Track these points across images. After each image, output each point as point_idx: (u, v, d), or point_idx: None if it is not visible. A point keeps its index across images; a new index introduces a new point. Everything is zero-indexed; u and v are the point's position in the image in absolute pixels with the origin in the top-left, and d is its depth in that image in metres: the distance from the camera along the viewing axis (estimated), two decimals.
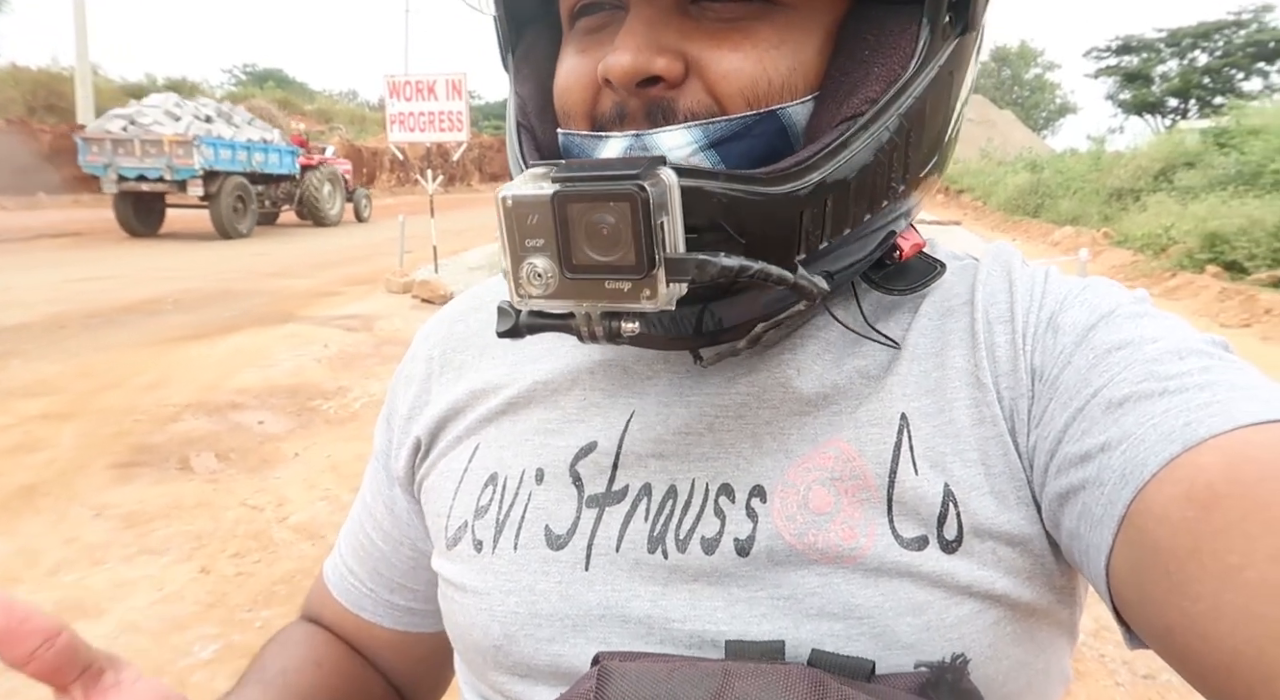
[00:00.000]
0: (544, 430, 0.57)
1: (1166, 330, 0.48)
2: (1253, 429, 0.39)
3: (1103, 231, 15.35)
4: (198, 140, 13.51)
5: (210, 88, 43.48)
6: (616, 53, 0.46)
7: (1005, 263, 0.57)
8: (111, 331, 6.79)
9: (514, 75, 0.57)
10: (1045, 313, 0.52)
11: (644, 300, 0.42)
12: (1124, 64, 47.12)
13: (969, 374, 0.52)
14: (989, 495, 0.49)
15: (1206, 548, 0.36)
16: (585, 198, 0.40)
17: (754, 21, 0.47)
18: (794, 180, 0.45)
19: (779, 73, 0.47)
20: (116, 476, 3.92)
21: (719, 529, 0.51)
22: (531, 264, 0.43)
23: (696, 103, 0.47)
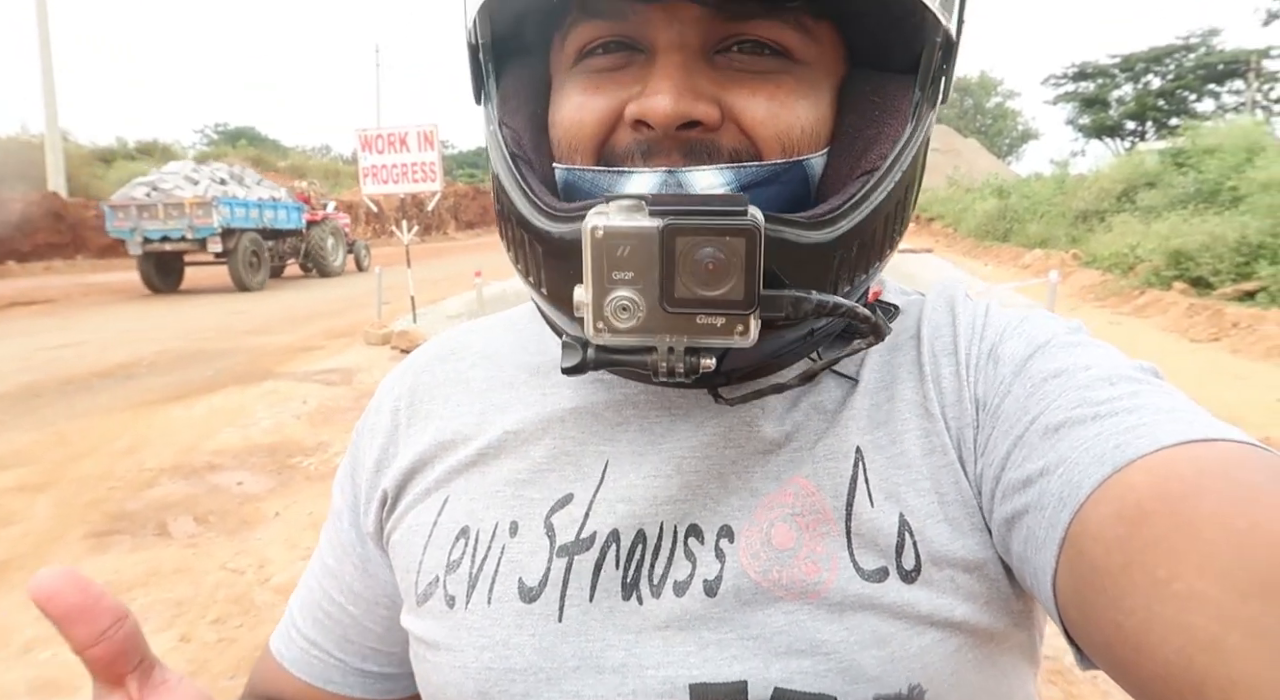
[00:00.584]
0: (515, 481, 0.57)
1: (1098, 358, 0.50)
2: (1177, 448, 0.40)
3: (1071, 253, 15.62)
4: (216, 201, 14.55)
5: (182, 148, 43.56)
6: (658, 96, 0.48)
7: (949, 297, 0.60)
8: (87, 397, 6.71)
9: (500, 106, 0.56)
10: (986, 345, 0.55)
11: (736, 335, 0.43)
12: (1081, 90, 48.40)
13: (918, 405, 0.54)
14: (944, 523, 0.51)
15: (1137, 562, 0.37)
16: (699, 232, 0.41)
17: (777, 74, 0.50)
18: (828, 227, 0.47)
19: (807, 122, 0.51)
20: (92, 546, 3.84)
21: (690, 571, 0.52)
22: (619, 296, 0.42)
23: (734, 145, 0.50)
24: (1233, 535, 0.35)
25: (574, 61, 0.53)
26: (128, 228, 14.29)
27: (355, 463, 0.67)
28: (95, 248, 20.51)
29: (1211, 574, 0.34)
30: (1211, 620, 0.34)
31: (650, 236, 0.41)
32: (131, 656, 0.41)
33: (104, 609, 0.40)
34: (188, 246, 14.63)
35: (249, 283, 15.09)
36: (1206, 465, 0.39)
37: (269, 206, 16.30)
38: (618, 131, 0.51)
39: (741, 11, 0.49)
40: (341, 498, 0.68)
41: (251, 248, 15.27)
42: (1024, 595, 0.52)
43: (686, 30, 0.49)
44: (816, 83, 0.52)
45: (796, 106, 0.50)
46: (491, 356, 0.65)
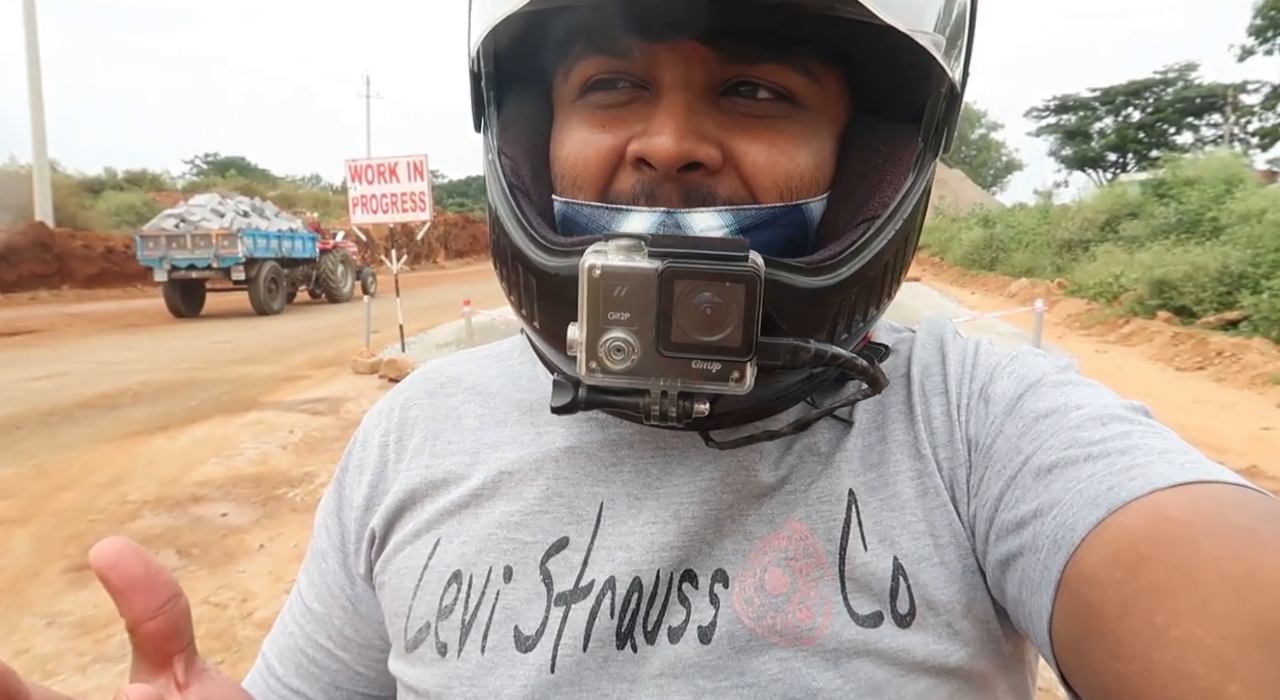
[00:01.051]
0: (509, 524, 0.56)
1: (1089, 397, 0.50)
2: (1171, 491, 0.40)
3: (1057, 282, 15.80)
4: (241, 232, 15.66)
5: (171, 178, 43.62)
6: (661, 135, 0.47)
7: (939, 336, 0.60)
8: (70, 429, 6.63)
9: (500, 135, 0.55)
10: (977, 384, 0.55)
11: (732, 382, 0.42)
12: (1063, 122, 49.29)
13: (909, 446, 0.54)
14: (938, 566, 0.50)
15: (1135, 608, 0.37)
16: (698, 276, 0.40)
17: (780, 119, 0.50)
18: (828, 272, 0.47)
19: (807, 169, 0.50)
20: (71, 581, 3.77)
21: (685, 617, 0.51)
22: (614, 337, 0.41)
23: (732, 190, 0.49)
24: (1230, 581, 0.34)
25: (578, 95, 0.53)
26: (157, 256, 15.35)
27: (341, 501, 0.65)
28: (81, 277, 20.44)
29: (1210, 621, 0.34)
30: (1212, 669, 0.33)
31: (649, 278, 0.40)
32: (183, 636, 0.41)
33: (162, 583, 0.39)
34: (212, 274, 15.73)
35: (268, 307, 16.13)
36: (1202, 508, 0.39)
37: (287, 237, 17.40)
38: (621, 172, 0.51)
39: (748, 54, 0.49)
40: (327, 538, 0.65)
41: (271, 275, 16.39)
42: (1015, 637, 0.51)
43: (692, 70, 0.49)
44: (819, 128, 0.52)
45: (797, 153, 0.50)
46: (482, 392, 0.64)
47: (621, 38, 0.49)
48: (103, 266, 21.17)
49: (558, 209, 0.53)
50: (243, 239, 15.61)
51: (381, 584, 0.60)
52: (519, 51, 0.54)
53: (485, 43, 0.53)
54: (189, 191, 40.53)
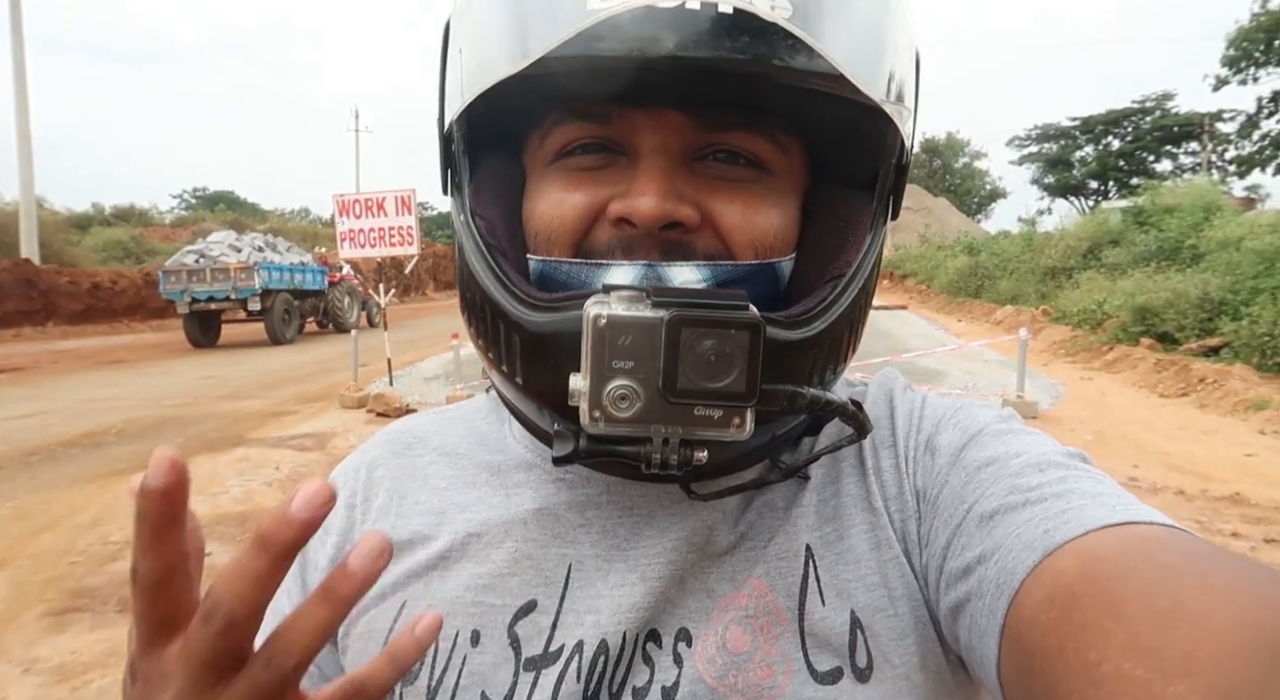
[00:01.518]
0: (477, 587, 0.56)
1: (1028, 445, 0.52)
2: (1102, 532, 0.42)
3: (1042, 309, 15.93)
4: (258, 266, 16.65)
5: (160, 213, 43.61)
6: (644, 197, 0.50)
7: (888, 390, 0.62)
8: (52, 468, 6.56)
9: (473, 197, 0.57)
10: (922, 437, 0.57)
11: (733, 428, 0.43)
12: (1044, 151, 50.03)
13: (862, 500, 0.56)
14: (893, 618, 0.52)
15: (1070, 646, 0.38)
16: (704, 323, 0.41)
17: (751, 183, 0.53)
18: (804, 327, 0.50)
19: (778, 229, 0.54)
20: (50, 626, 3.71)
21: (649, 678, 0.52)
22: (619, 385, 0.42)
23: (710, 247, 0.52)
24: (1155, 616, 0.36)
25: (553, 158, 0.55)
26: (178, 290, 16.34)
27: (305, 562, 0.64)
28: (67, 314, 20.34)
29: (1137, 655, 0.35)
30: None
31: (654, 327, 0.42)
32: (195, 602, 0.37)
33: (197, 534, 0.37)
34: (230, 306, 16.79)
35: (281, 336, 17.12)
36: (1130, 547, 0.40)
37: (298, 270, 18.57)
38: (597, 227, 0.53)
39: (723, 122, 0.52)
40: (289, 601, 0.63)
41: (284, 306, 17.46)
42: (969, 686, 0.52)
43: (670, 136, 0.51)
44: (785, 192, 0.55)
45: (769, 214, 0.53)
46: (449, 453, 0.64)
47: (604, 105, 0.51)
48: (89, 302, 21.09)
49: (534, 267, 0.54)
50: (259, 272, 16.47)
51: (344, 648, 0.60)
52: (493, 115, 0.55)
53: (460, 116, 0.54)
54: (177, 226, 40.56)
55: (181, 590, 0.35)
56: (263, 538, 0.35)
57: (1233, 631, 0.33)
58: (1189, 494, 5.28)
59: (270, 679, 0.36)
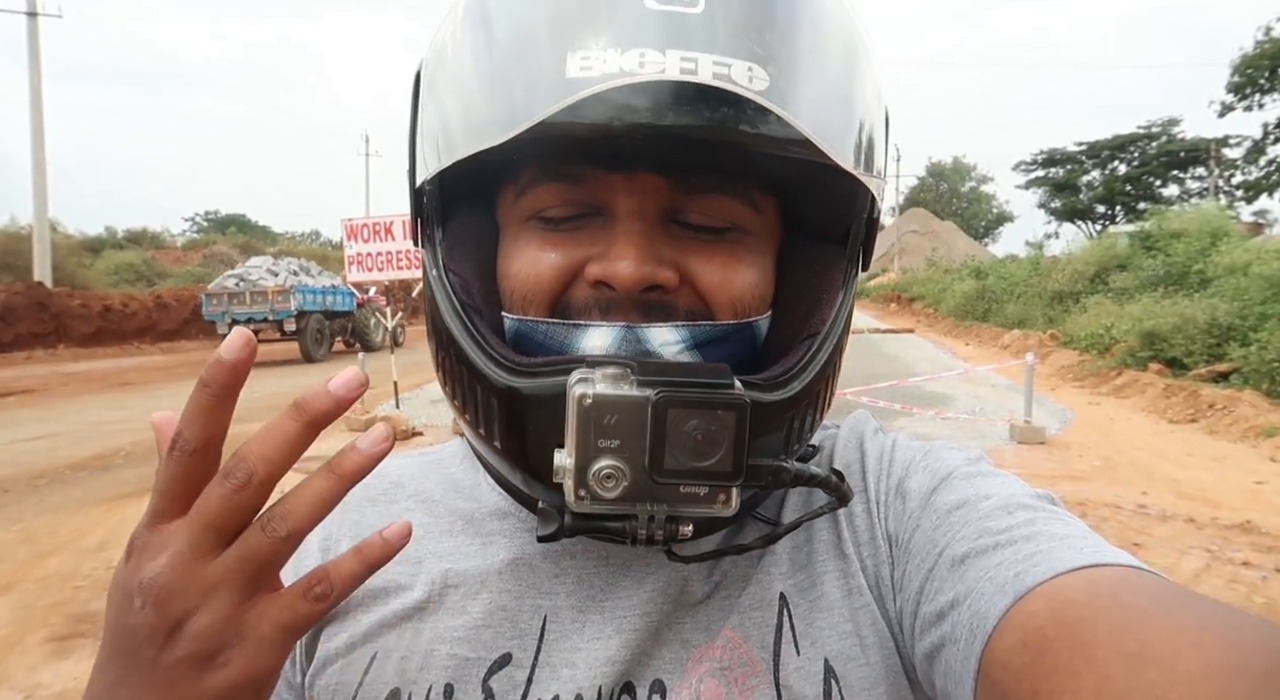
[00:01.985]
0: (451, 639, 0.55)
1: (996, 487, 0.53)
2: (1071, 574, 0.42)
3: (1049, 333, 15.89)
4: (294, 289, 17.90)
5: (171, 236, 43.99)
6: (623, 261, 0.50)
7: (858, 434, 0.62)
8: (59, 491, 6.57)
9: (446, 252, 0.56)
10: (893, 481, 0.57)
11: (719, 505, 0.43)
12: (1051, 175, 50.08)
13: (834, 547, 0.56)
14: (864, 666, 0.52)
15: (1043, 690, 0.38)
16: (690, 404, 0.41)
17: (729, 243, 0.54)
18: (784, 388, 0.50)
19: (756, 287, 0.54)
20: (53, 651, 3.70)
21: None
22: (605, 465, 0.42)
23: (689, 306, 0.53)
24: (1124, 658, 0.36)
25: (528, 216, 0.54)
26: (220, 311, 17.63)
27: None
28: (78, 336, 20.46)
29: (1107, 697, 0.35)
30: None
31: (641, 407, 0.41)
32: None
33: None
34: (267, 326, 18.00)
35: (314, 354, 18.25)
36: (1099, 589, 0.41)
37: (330, 292, 19.65)
38: (574, 286, 0.52)
39: (699, 185, 0.52)
40: None
41: (317, 326, 18.71)
42: None
43: (646, 199, 0.52)
44: (760, 251, 0.55)
45: (746, 273, 0.54)
46: (426, 500, 0.64)
47: (581, 168, 0.52)
48: (99, 325, 21.23)
49: (509, 326, 0.54)
50: (294, 294, 17.69)
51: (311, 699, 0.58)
52: (467, 173, 0.55)
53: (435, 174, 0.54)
54: (189, 249, 40.88)
55: (212, 462, 0.39)
56: (299, 404, 0.39)
57: (1203, 674, 0.33)
58: (1199, 521, 5.23)
59: (264, 544, 0.39)
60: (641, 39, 0.46)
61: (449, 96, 0.53)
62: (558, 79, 0.46)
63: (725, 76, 0.45)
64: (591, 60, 0.46)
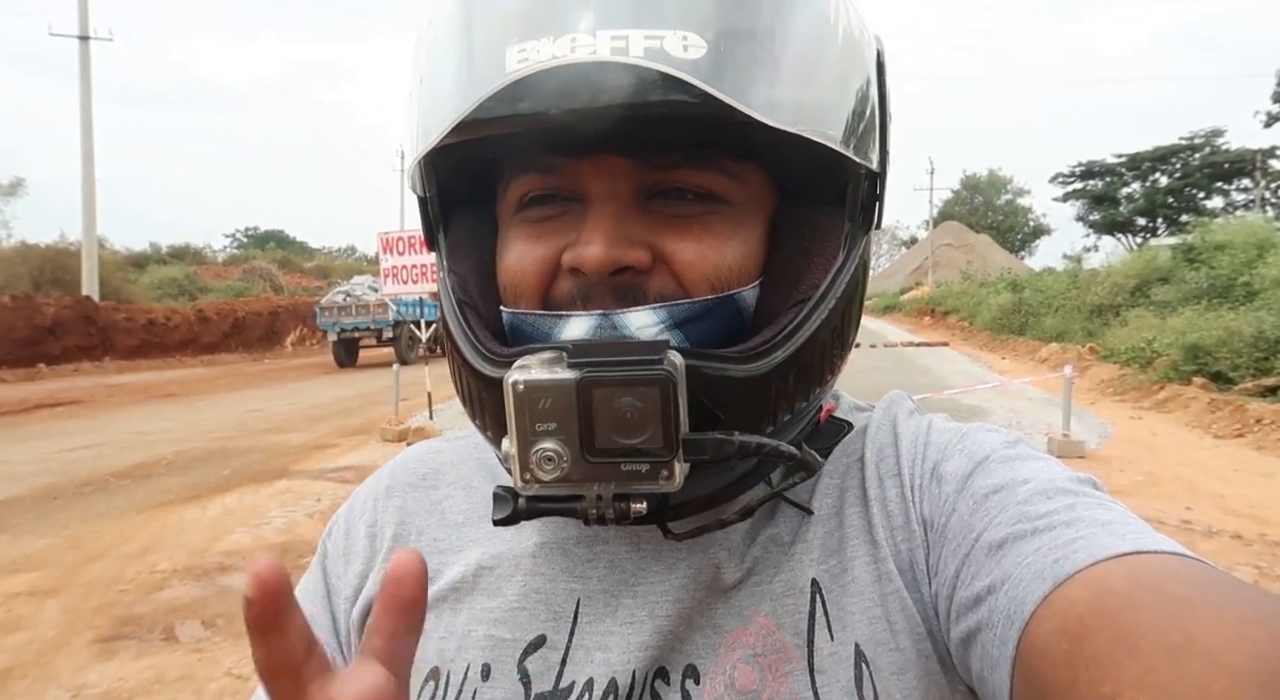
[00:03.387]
0: (488, 620, 0.56)
1: (1036, 471, 0.52)
2: (1113, 562, 0.41)
3: (1088, 347, 15.58)
4: (392, 302, 19.93)
5: (213, 252, 44.92)
6: (590, 245, 0.50)
7: (892, 416, 0.61)
8: (104, 499, 6.73)
9: (447, 254, 0.59)
10: (929, 464, 0.56)
11: (661, 481, 0.43)
12: (1089, 188, 49.29)
13: (864, 532, 0.55)
14: (894, 651, 0.51)
15: (1083, 679, 0.37)
16: (612, 383, 0.42)
17: (707, 217, 0.53)
18: (762, 358, 0.49)
19: (736, 260, 0.53)
20: (98, 652, 3.79)
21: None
22: (542, 448, 0.43)
23: (664, 287, 0.52)
24: (1169, 650, 0.35)
25: (515, 210, 0.55)
26: (331, 322, 20.74)
27: (330, 588, 0.65)
28: (123, 349, 20.97)
29: (1150, 690, 0.35)
30: None
31: (568, 389, 0.42)
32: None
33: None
34: (368, 334, 21.19)
35: (407, 358, 20.10)
36: (1141, 578, 0.40)
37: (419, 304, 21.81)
38: (558, 278, 0.53)
39: (666, 162, 0.52)
40: (316, 628, 0.62)
41: (409, 334, 20.68)
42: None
43: (616, 181, 0.52)
44: (745, 221, 0.54)
45: (724, 248, 0.52)
46: (465, 486, 0.66)
47: (546, 157, 0.52)
48: (143, 338, 21.74)
49: (506, 320, 0.55)
50: (392, 307, 19.71)
51: None
52: (460, 174, 0.58)
53: (426, 170, 0.57)
54: (229, 264, 41.73)
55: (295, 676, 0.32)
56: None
57: (1248, 666, 0.33)
58: (1246, 538, 5.09)
59: None
60: (573, 24, 0.46)
61: (415, 103, 0.54)
62: (496, 75, 0.47)
63: (657, 50, 0.45)
64: (528, 52, 0.46)
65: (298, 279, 39.04)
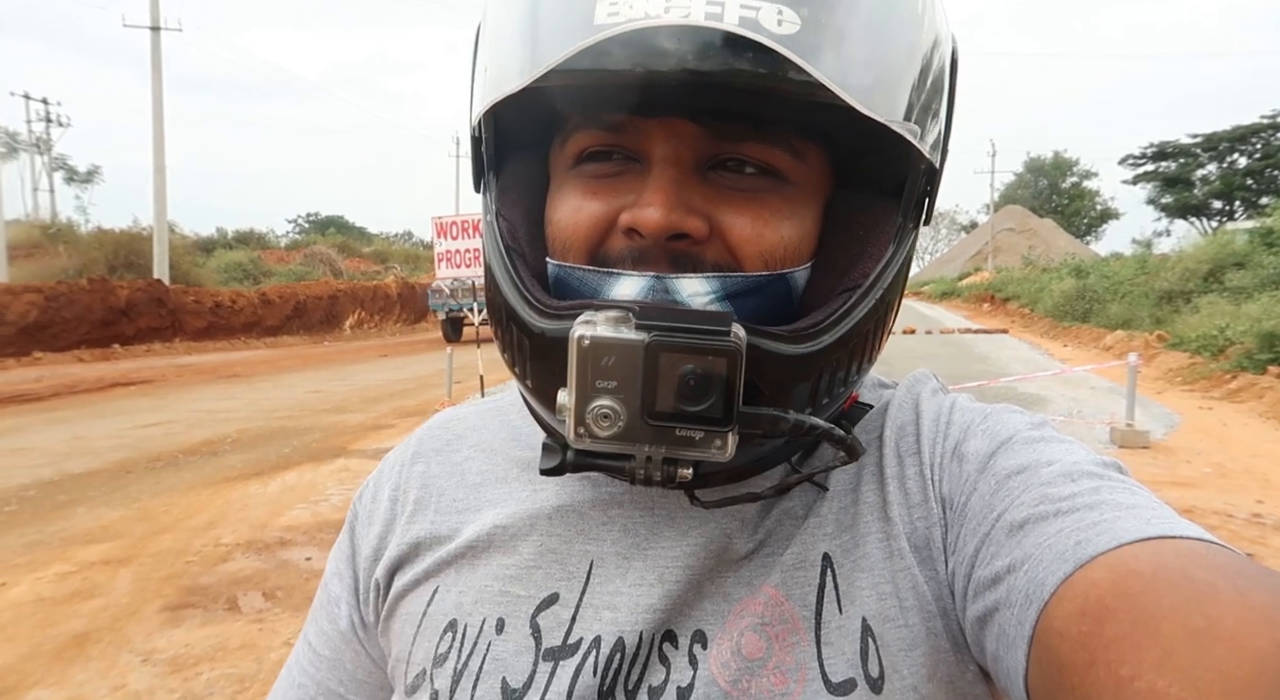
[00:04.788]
0: (504, 577, 0.58)
1: (1060, 453, 0.51)
2: (1136, 545, 0.41)
3: (1156, 334, 15.05)
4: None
5: (276, 237, 46.11)
6: (649, 207, 0.50)
7: (915, 394, 0.61)
8: (173, 474, 7.00)
9: (499, 197, 0.58)
10: (950, 443, 0.56)
11: (714, 449, 0.44)
12: (1162, 169, 47.39)
13: (878, 509, 0.55)
14: (902, 628, 0.51)
15: (1101, 660, 0.37)
16: (681, 349, 0.42)
17: (765, 193, 0.53)
18: (811, 340, 0.50)
19: (791, 240, 0.53)
20: (166, 620, 3.97)
21: (664, 677, 0.53)
22: (600, 405, 0.43)
23: (718, 258, 0.52)
24: (1191, 633, 0.35)
25: (573, 164, 0.55)
26: (440, 302, 22.03)
27: (354, 549, 0.68)
28: (191, 331, 21.71)
29: (1172, 673, 0.34)
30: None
31: (635, 350, 0.42)
32: None
33: None
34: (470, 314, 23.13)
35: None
36: (1165, 561, 0.40)
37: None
38: (611, 236, 0.53)
39: (734, 132, 0.51)
40: (340, 584, 0.68)
41: None
42: (982, 697, 0.51)
43: (681, 146, 0.52)
44: (802, 201, 0.54)
45: (781, 226, 0.53)
46: (485, 449, 0.67)
47: (615, 114, 0.52)
48: (210, 320, 22.47)
49: (551, 271, 0.55)
50: None
51: (386, 630, 0.64)
52: (520, 120, 0.57)
53: (487, 115, 0.56)
54: (291, 249, 42.83)
55: None
56: None
57: (1272, 652, 0.32)
58: None
59: None
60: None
61: (489, 48, 0.54)
62: (585, 25, 0.46)
63: (752, 20, 0.45)
64: (619, 6, 0.46)
65: (356, 264, 39.85)
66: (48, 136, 44.38)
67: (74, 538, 5.25)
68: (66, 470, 7.11)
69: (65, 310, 18.44)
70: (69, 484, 6.66)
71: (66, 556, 4.87)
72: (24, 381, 13.82)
